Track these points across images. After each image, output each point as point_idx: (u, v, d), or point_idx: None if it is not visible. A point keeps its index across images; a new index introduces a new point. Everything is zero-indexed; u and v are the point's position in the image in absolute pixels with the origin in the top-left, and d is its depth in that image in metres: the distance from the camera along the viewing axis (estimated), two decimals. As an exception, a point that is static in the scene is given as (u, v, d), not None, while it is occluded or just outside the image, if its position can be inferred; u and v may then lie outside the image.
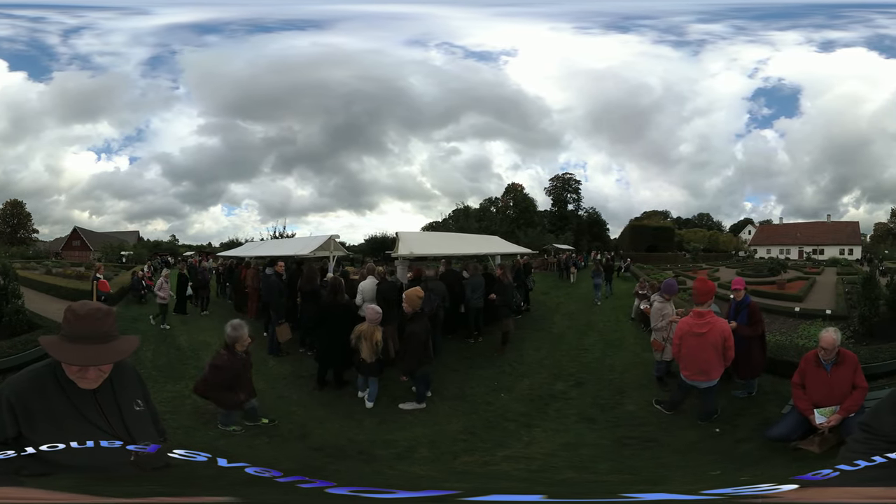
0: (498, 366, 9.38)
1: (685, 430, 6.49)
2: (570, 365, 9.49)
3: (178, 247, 27.37)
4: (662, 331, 7.88)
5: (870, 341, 9.44)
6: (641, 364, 9.08)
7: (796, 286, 14.41)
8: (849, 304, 11.32)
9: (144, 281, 15.37)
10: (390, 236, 26.92)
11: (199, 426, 6.57)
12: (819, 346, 5.79)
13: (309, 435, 6.41)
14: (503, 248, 15.20)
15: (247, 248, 18.43)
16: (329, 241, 12.89)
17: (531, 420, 6.99)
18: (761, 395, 7.49)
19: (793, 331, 10.31)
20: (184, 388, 7.87)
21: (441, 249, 12.75)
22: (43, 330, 9.32)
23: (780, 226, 24.77)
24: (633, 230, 25.76)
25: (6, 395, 2.24)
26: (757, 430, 6.30)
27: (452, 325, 10.51)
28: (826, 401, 5.68)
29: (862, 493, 2.12)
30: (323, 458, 5.83)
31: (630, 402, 7.61)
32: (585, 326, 12.49)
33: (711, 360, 6.37)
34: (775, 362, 8.24)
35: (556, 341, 11.24)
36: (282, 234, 26.76)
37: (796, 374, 5.99)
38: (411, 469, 5.53)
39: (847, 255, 21.50)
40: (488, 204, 30.77)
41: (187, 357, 9.90)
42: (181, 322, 12.60)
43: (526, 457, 5.82)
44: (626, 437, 6.33)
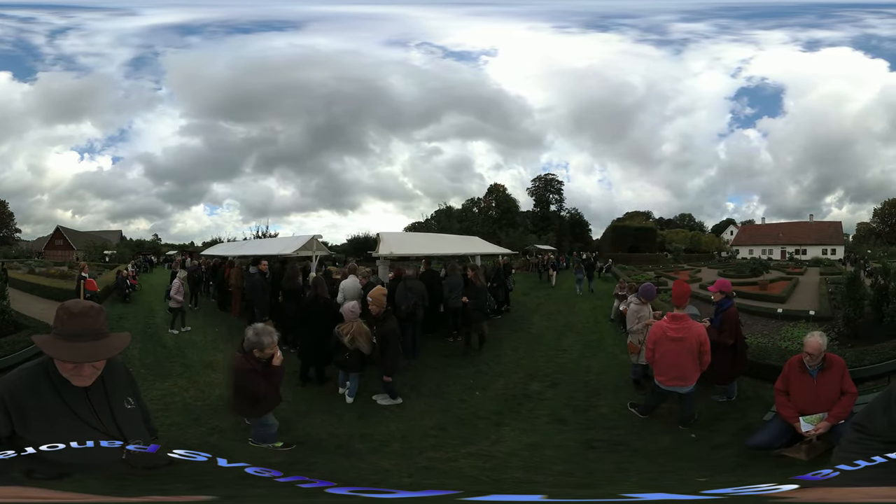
0: (475, 365, 9.39)
1: (658, 434, 6.35)
2: (547, 365, 9.46)
3: (160, 246, 27.30)
4: (639, 333, 7.64)
5: (854, 343, 9.21)
6: (619, 366, 8.96)
7: (779, 287, 14.16)
8: (832, 305, 11.02)
9: (129, 280, 15.24)
10: (372, 236, 26.86)
11: (189, 422, 6.66)
12: (804, 351, 5.41)
13: (292, 429, 6.52)
14: (483, 248, 15.17)
15: (229, 247, 18.28)
16: (312, 241, 12.99)
17: (502, 419, 7.04)
18: (742, 400, 7.32)
19: (775, 333, 10.02)
20: (172, 385, 8.05)
21: (421, 249, 12.80)
22: (30, 330, 9.16)
23: (763, 226, 24.68)
24: (615, 231, 25.61)
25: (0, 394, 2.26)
26: (736, 436, 6.09)
27: (432, 323, 10.61)
28: (812, 408, 5.33)
29: (863, 493, 2.11)
30: (304, 450, 5.95)
31: (604, 404, 7.53)
32: (564, 327, 12.35)
33: (688, 365, 6.12)
34: (757, 366, 7.95)
35: (535, 342, 11.20)
36: (265, 233, 26.65)
37: (779, 380, 5.65)
38: (381, 463, 5.60)
39: (830, 255, 21.43)
40: (471, 204, 30.49)
41: (174, 355, 9.90)
42: (166, 320, 12.38)
43: (487, 454, 5.87)
44: (595, 440, 6.26)
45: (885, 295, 9.43)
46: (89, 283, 11.36)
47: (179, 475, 2.24)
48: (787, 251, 22.68)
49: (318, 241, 13.36)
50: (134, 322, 12.09)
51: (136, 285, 15.72)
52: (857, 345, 9.07)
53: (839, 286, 12.49)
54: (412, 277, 10.02)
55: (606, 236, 26.37)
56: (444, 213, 29.86)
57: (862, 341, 9.15)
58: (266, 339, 5.23)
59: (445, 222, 28.10)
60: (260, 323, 5.55)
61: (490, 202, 30.36)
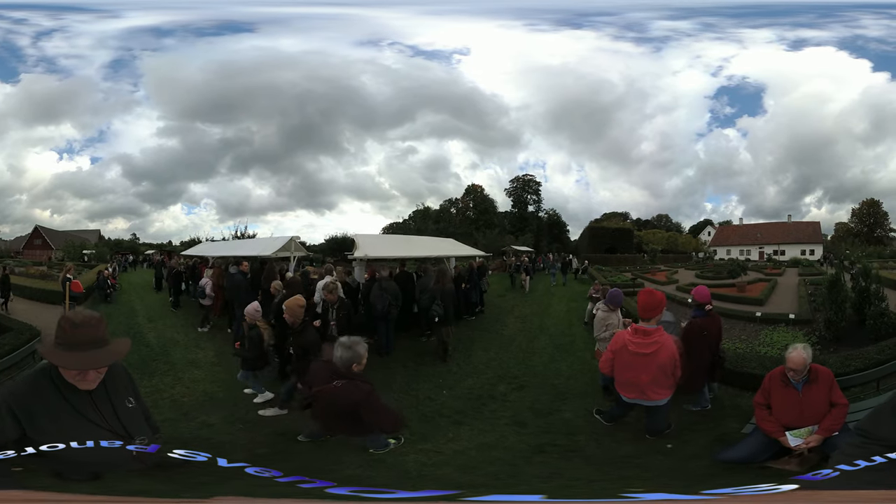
0: (446, 365, 9.52)
1: (621, 443, 6.08)
2: (516, 367, 9.53)
3: (138, 245, 27.16)
4: (606, 341, 7.05)
5: (836, 346, 8.88)
6: (589, 371, 8.74)
7: (757, 289, 13.80)
8: (812, 307, 10.63)
9: (110, 280, 15.14)
10: (350, 237, 26.56)
11: (180, 418, 6.94)
12: (787, 366, 4.94)
13: (274, 422, 6.86)
14: (458, 250, 15.07)
15: (207, 248, 18.28)
16: (290, 242, 13.16)
17: (464, 418, 7.19)
18: (717, 409, 7.01)
19: (754, 338, 9.64)
20: (158, 382, 8.38)
21: (395, 252, 12.91)
22: (13, 333, 9.14)
23: (741, 226, 24.50)
24: (591, 232, 25.39)
25: (6, 400, 2.48)
26: (707, 448, 5.71)
27: (406, 322, 10.78)
28: (797, 422, 4.86)
29: (862, 496, 2.12)
30: (285, 441, 6.15)
31: (568, 409, 7.47)
32: (538, 329, 12.05)
33: (655, 380, 5.54)
34: (734, 374, 7.56)
35: (507, 343, 11.11)
36: (243, 233, 26.60)
37: (759, 394, 5.19)
38: (339, 457, 5.70)
39: (809, 256, 21.31)
40: (448, 205, 30.16)
41: (157, 354, 10.05)
42: (148, 319, 12.52)
43: (435, 451, 5.99)
44: (549, 444, 6.18)
45: (866, 297, 9.06)
46: (75, 284, 11.30)
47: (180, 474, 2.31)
48: (766, 252, 22.53)
49: (296, 242, 13.51)
50: (116, 322, 12.05)
51: (116, 285, 15.75)
52: (839, 348, 8.73)
53: (819, 287, 12.21)
54: (386, 279, 10.05)
55: (584, 237, 26.15)
56: (421, 214, 29.58)
57: (844, 344, 8.83)
58: (361, 349, 4.86)
59: (421, 223, 27.81)
60: (344, 337, 4.99)
61: (468, 203, 30.10)
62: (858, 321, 9.17)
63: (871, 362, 7.36)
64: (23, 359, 8.30)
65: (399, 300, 10.02)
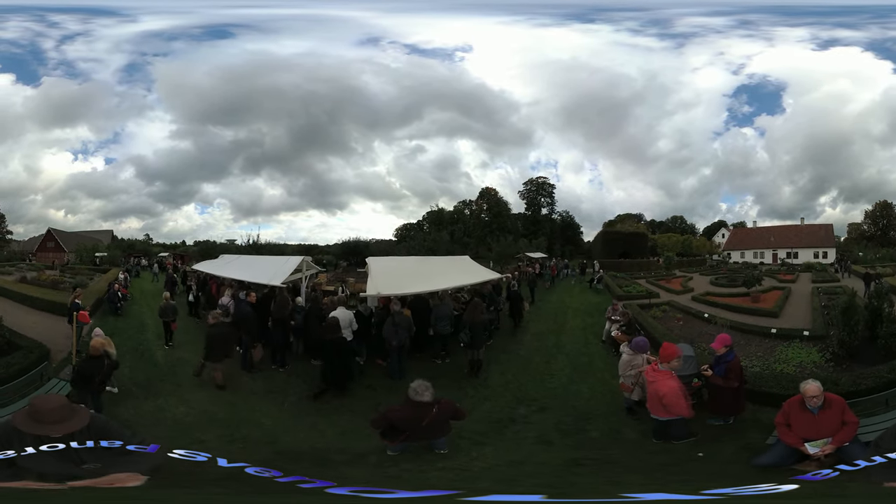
0: (462, 388, 9.33)
1: (655, 454, 6.42)
2: (535, 390, 9.48)
3: (151, 246, 27.66)
4: (630, 378, 7.66)
5: (848, 363, 9.17)
6: (610, 392, 8.79)
7: (771, 298, 13.98)
8: (826, 321, 10.87)
9: (120, 292, 14.76)
10: (364, 241, 26.92)
11: (177, 435, 7.11)
12: (805, 395, 5.70)
13: (276, 441, 7.06)
14: (474, 275, 14.12)
15: (219, 265, 17.56)
16: (302, 263, 13.26)
17: (486, 439, 7.13)
18: (739, 423, 7.41)
19: (769, 354, 9.88)
20: (163, 403, 8.50)
21: (409, 286, 11.79)
22: (24, 351, 9.33)
23: (754, 229, 24.59)
24: (605, 236, 25.43)
25: None
26: (737, 455, 6.30)
27: (421, 344, 10.83)
28: (814, 438, 5.64)
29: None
30: (284, 460, 6.22)
31: (594, 428, 7.52)
32: (554, 348, 12.01)
33: (656, 406, 6.65)
34: (753, 393, 7.94)
35: (524, 364, 10.96)
36: (255, 240, 27.03)
37: (780, 415, 5.94)
38: (355, 473, 5.81)
39: (822, 259, 21.37)
40: (462, 206, 30.34)
41: (164, 374, 10.08)
42: (157, 336, 12.26)
43: (462, 468, 6.00)
44: (584, 458, 6.31)
45: (878, 316, 9.32)
46: (82, 315, 10.88)
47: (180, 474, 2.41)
48: (779, 255, 22.64)
49: (307, 262, 13.71)
50: (125, 339, 11.66)
51: (127, 295, 15.51)
52: (851, 365, 9.05)
53: (833, 298, 12.41)
54: (399, 313, 10.09)
55: (597, 241, 26.20)
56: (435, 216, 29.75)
57: (856, 361, 9.13)
58: None
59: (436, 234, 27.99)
60: (419, 381, 6.26)
61: (482, 206, 30.23)
62: (871, 337, 9.40)
63: (882, 381, 7.67)
64: (28, 384, 8.46)
65: (413, 331, 10.10)
